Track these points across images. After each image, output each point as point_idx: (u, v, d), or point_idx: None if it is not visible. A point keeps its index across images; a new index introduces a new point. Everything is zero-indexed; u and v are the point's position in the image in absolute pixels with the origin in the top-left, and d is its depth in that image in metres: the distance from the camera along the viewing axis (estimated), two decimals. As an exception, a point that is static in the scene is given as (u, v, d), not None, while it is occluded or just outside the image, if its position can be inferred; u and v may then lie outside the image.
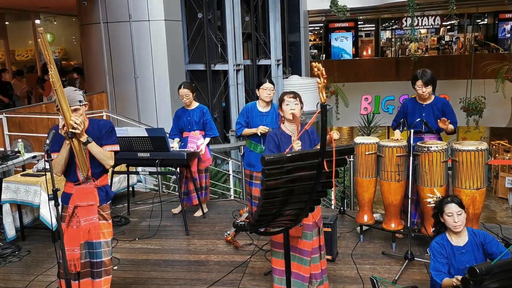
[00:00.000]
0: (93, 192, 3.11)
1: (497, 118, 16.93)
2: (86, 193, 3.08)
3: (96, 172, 3.12)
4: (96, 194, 3.12)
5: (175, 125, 5.34)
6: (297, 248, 3.29)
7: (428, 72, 4.29)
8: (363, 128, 14.87)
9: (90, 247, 3.13)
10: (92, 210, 3.10)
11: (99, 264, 3.15)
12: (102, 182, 3.17)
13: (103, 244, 3.15)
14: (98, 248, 3.14)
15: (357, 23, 21.15)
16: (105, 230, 3.17)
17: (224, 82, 10.32)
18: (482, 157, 3.94)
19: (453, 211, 2.94)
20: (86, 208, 3.08)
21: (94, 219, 3.11)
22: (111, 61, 8.76)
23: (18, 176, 5.00)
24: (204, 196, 5.47)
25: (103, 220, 3.17)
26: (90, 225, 3.09)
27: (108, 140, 3.12)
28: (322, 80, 2.36)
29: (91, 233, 3.10)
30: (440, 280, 2.87)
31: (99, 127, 3.11)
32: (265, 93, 4.55)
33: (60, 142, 3.00)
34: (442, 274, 2.89)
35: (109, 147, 3.11)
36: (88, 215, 3.09)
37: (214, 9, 9.84)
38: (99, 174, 3.15)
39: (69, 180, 3.13)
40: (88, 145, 2.98)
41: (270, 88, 4.56)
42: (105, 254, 3.17)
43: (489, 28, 20.76)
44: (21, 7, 12.21)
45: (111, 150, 3.12)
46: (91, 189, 3.11)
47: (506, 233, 4.61)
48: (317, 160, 2.42)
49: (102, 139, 3.09)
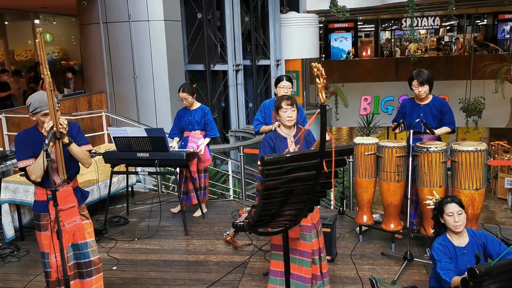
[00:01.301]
0: (71, 194, 3.12)
1: (497, 119, 16.94)
2: (65, 196, 3.07)
3: (71, 174, 3.13)
4: (74, 196, 3.13)
5: (176, 124, 5.35)
6: (297, 250, 3.29)
7: (424, 72, 4.30)
8: (363, 129, 14.88)
9: (76, 248, 3.14)
10: (74, 212, 3.12)
11: (88, 264, 3.16)
12: (75, 184, 3.20)
13: (90, 244, 3.17)
14: (85, 249, 3.15)
15: (356, 24, 21.17)
16: (89, 229, 3.20)
17: (224, 82, 10.32)
18: (481, 158, 3.95)
19: (453, 211, 2.94)
20: (68, 211, 3.08)
21: (77, 220, 3.12)
22: (111, 61, 8.76)
23: (17, 176, 4.99)
24: (203, 196, 5.47)
25: (85, 219, 3.19)
26: (74, 227, 3.10)
27: (81, 140, 3.13)
28: (321, 80, 2.35)
29: (75, 235, 3.11)
30: (449, 279, 2.82)
31: (69, 129, 3.08)
32: (283, 91, 4.50)
33: (32, 147, 2.96)
34: (451, 273, 2.86)
35: (84, 146, 3.14)
36: (71, 217, 3.10)
37: (213, 9, 9.84)
38: (73, 176, 3.16)
39: (44, 186, 3.04)
40: (70, 145, 2.98)
41: (288, 86, 4.51)
42: (93, 253, 3.18)
43: (488, 29, 20.78)
44: (21, 7, 12.21)
45: (86, 149, 3.14)
46: (69, 191, 3.11)
47: (506, 233, 4.61)
48: (317, 161, 2.41)
49: (75, 140, 3.08)
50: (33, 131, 3.04)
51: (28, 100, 2.98)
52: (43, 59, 2.73)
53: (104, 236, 4.97)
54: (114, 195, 5.86)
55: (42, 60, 2.74)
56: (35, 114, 2.95)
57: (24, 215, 5.03)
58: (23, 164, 2.97)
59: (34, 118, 2.98)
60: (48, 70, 2.79)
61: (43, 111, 2.92)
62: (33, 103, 2.93)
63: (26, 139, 3.01)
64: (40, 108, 2.92)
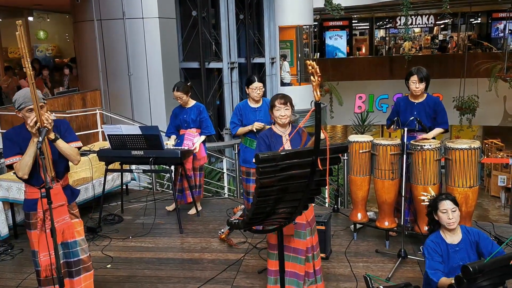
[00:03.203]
0: (60, 192, 3.09)
1: (490, 117, 17.05)
2: (54, 194, 3.02)
3: (60, 172, 3.10)
4: (63, 194, 3.11)
5: (172, 123, 5.34)
6: (291, 247, 3.30)
7: (424, 69, 4.32)
8: (357, 127, 14.91)
9: (66, 247, 3.12)
10: (63, 211, 3.09)
11: (76, 263, 3.15)
12: (65, 182, 3.17)
13: (79, 242, 3.15)
14: (74, 247, 3.14)
15: (351, 22, 21.20)
16: (79, 228, 3.18)
17: (218, 80, 10.30)
18: (475, 156, 3.97)
19: (447, 208, 2.95)
20: (57, 209, 3.06)
21: (66, 219, 3.10)
22: (105, 58, 8.73)
23: (10, 174, 4.96)
24: (198, 194, 5.46)
25: (75, 218, 3.17)
26: (63, 225, 3.08)
27: (70, 137, 3.10)
28: (316, 78, 2.36)
29: (65, 233, 3.10)
30: (437, 279, 2.84)
31: (57, 126, 3.07)
32: (255, 93, 4.61)
33: (20, 144, 2.95)
34: (439, 273, 2.87)
35: (73, 143, 3.11)
36: (60, 215, 3.07)
37: (208, 7, 9.82)
38: (62, 174, 3.13)
39: (32, 184, 3.04)
40: (57, 141, 2.95)
41: (259, 87, 4.62)
42: (83, 251, 3.17)
43: (482, 27, 20.88)
44: (14, 4, 12.12)
45: (75, 146, 3.11)
46: (58, 189, 3.08)
47: (499, 231, 4.64)
48: (311, 158, 2.42)
49: (64, 137, 3.06)
50: (21, 128, 3.02)
51: (14, 97, 2.96)
52: (24, 51, 2.65)
53: (99, 234, 4.96)
54: (108, 193, 5.84)
55: (24, 53, 2.66)
56: (21, 110, 2.92)
57: (18, 213, 5.01)
58: (9, 161, 2.96)
59: (20, 114, 2.95)
60: (30, 64, 2.74)
61: (27, 107, 2.89)
62: (18, 99, 2.91)
63: (14, 136, 2.99)
64: (25, 104, 2.89)
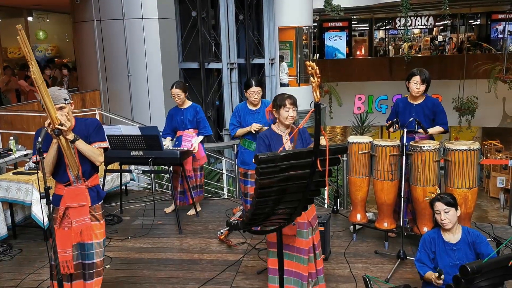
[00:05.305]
0: (84, 192, 3.08)
1: (489, 118, 17.05)
2: (77, 194, 3.05)
3: (86, 171, 3.09)
4: (87, 195, 3.09)
5: (168, 124, 5.33)
6: (294, 247, 3.29)
7: (426, 71, 4.32)
8: (357, 128, 14.91)
9: (82, 248, 3.11)
10: (84, 211, 3.08)
11: (90, 266, 3.13)
12: (92, 182, 3.15)
13: (95, 245, 3.12)
14: (90, 250, 3.11)
15: (351, 23, 21.21)
16: (97, 231, 3.14)
17: (218, 81, 10.30)
18: (474, 157, 3.97)
19: (440, 209, 3.05)
20: (78, 209, 3.05)
21: (86, 220, 3.08)
22: (104, 59, 8.73)
23: (9, 174, 4.96)
24: (199, 194, 5.46)
25: (95, 221, 3.14)
26: (82, 226, 3.06)
27: (96, 137, 3.08)
28: (316, 79, 2.36)
29: (83, 234, 3.07)
30: (423, 273, 3.03)
31: (86, 126, 3.07)
32: (252, 97, 4.58)
33: (48, 142, 2.96)
34: (426, 267, 3.05)
35: (98, 144, 3.08)
36: (80, 216, 3.06)
37: (208, 7, 9.82)
38: (89, 174, 3.11)
39: (58, 181, 3.09)
40: (75, 142, 2.94)
41: (257, 91, 4.59)
42: (97, 255, 3.15)
43: (481, 29, 20.90)
44: (14, 4, 12.12)
45: (99, 147, 3.09)
46: (82, 189, 3.08)
47: (498, 232, 4.64)
48: (311, 159, 2.42)
49: (90, 137, 3.06)
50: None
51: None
52: (29, 54, 2.65)
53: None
54: (107, 194, 5.83)
55: (28, 56, 2.65)
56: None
57: (17, 213, 5.01)
58: (34, 159, 2.97)
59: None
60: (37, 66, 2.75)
61: (56, 105, 2.90)
62: None
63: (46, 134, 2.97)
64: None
